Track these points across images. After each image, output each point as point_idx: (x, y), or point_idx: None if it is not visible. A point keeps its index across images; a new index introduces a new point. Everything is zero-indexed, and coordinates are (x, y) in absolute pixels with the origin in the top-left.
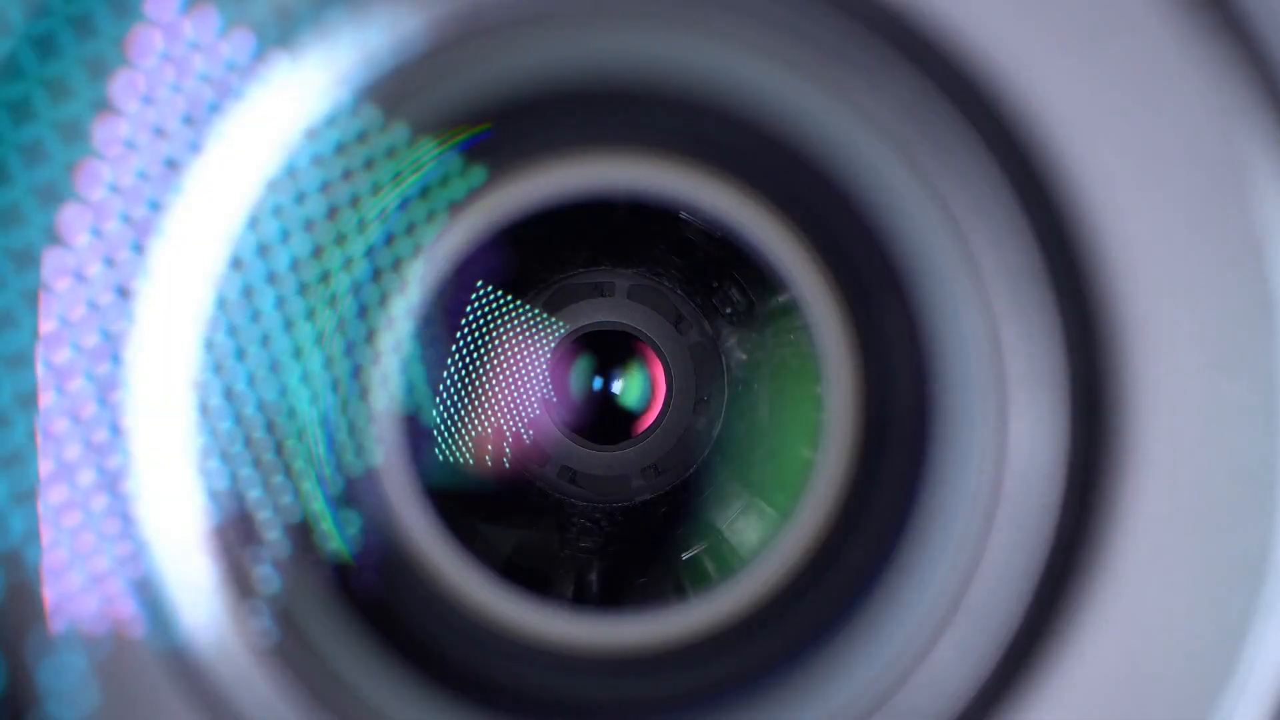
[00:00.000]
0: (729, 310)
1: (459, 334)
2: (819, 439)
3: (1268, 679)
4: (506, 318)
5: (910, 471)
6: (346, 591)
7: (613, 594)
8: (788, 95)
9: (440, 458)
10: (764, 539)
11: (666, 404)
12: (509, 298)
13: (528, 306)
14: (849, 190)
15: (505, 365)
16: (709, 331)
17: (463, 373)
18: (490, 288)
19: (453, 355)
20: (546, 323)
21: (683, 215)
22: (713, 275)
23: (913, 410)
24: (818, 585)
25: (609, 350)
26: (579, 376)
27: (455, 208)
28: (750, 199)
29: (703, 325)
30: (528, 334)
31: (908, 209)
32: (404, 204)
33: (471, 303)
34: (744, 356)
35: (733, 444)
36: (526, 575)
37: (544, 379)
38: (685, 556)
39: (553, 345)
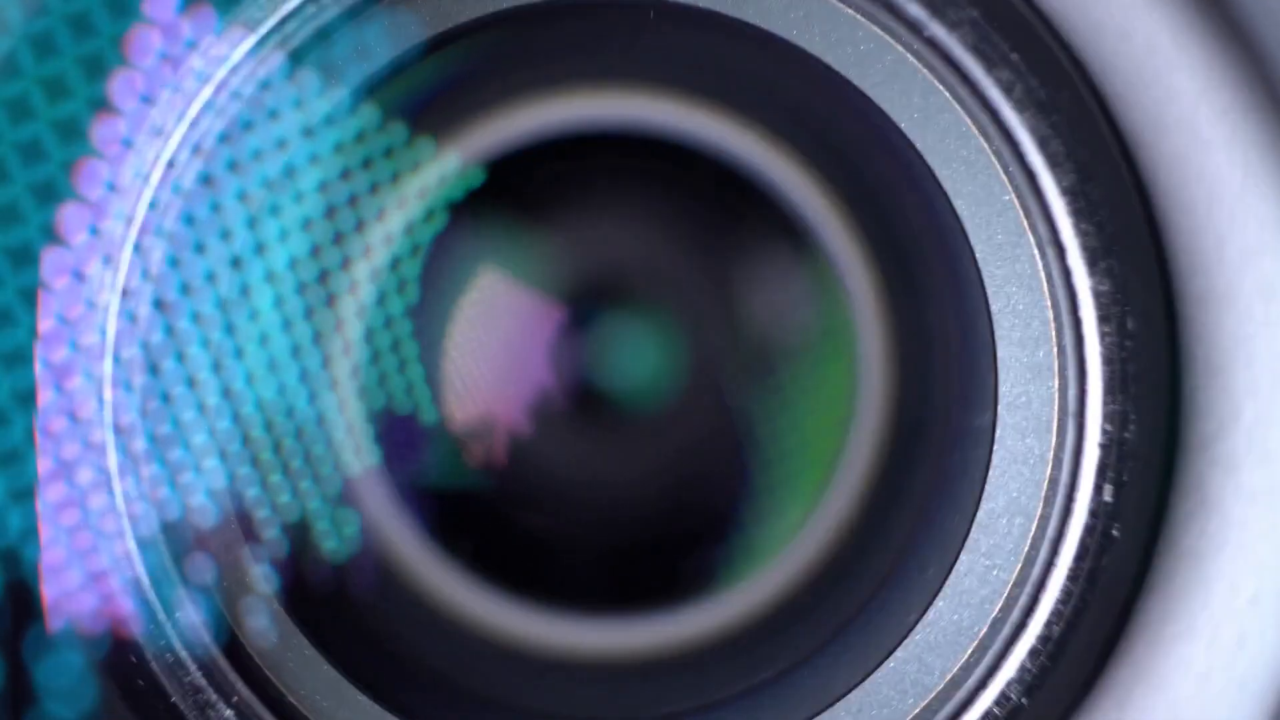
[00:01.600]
0: (756, 282)
1: (454, 326)
2: (849, 427)
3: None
4: (505, 302)
5: (947, 464)
6: (341, 592)
7: (619, 597)
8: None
9: (436, 458)
10: (787, 534)
11: (683, 388)
12: (511, 259)
13: (532, 278)
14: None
15: (501, 359)
16: (732, 305)
17: (458, 370)
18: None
19: (448, 351)
20: (552, 293)
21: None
22: (739, 240)
23: (954, 399)
24: (841, 584)
25: (618, 330)
26: (584, 362)
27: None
28: (784, 150)
29: (726, 297)
30: (525, 324)
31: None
32: (400, 203)
33: (468, 282)
34: (771, 334)
35: (755, 431)
36: (526, 576)
37: (543, 370)
38: (701, 554)
39: (554, 330)
